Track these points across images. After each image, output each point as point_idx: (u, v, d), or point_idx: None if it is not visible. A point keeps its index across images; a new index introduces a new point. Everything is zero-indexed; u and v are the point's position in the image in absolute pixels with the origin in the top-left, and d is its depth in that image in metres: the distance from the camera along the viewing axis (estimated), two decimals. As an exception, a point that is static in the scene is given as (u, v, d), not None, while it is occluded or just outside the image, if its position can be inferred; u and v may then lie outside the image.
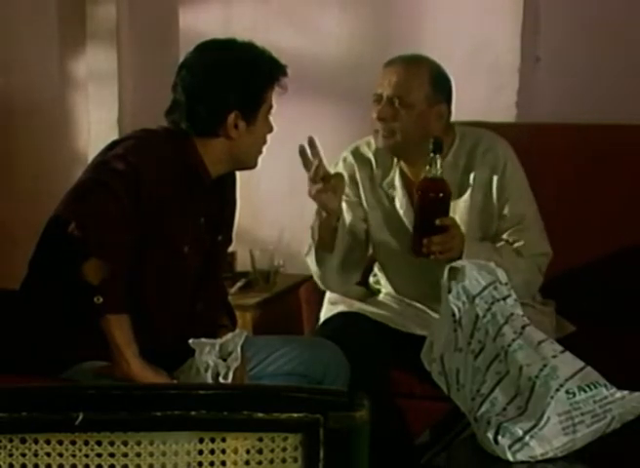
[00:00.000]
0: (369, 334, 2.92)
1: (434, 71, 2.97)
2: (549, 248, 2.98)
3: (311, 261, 3.00)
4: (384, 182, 3.05)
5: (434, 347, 2.28)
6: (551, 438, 2.10)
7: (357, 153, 3.10)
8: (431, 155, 2.76)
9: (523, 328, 2.19)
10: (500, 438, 2.12)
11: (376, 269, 3.19)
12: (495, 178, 2.96)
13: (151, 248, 2.46)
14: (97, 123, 3.79)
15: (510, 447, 2.11)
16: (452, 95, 2.99)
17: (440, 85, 2.96)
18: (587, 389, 2.12)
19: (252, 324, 3.60)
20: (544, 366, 2.13)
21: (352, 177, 3.07)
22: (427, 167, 2.77)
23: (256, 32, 3.89)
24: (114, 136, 3.72)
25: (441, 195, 2.78)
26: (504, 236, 2.95)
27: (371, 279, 3.22)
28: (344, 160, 3.11)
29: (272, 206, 4.06)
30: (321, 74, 3.89)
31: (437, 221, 2.77)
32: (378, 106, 2.95)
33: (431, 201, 2.79)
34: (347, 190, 3.04)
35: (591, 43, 3.65)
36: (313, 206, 4.06)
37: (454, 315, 2.23)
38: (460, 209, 2.95)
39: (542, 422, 2.10)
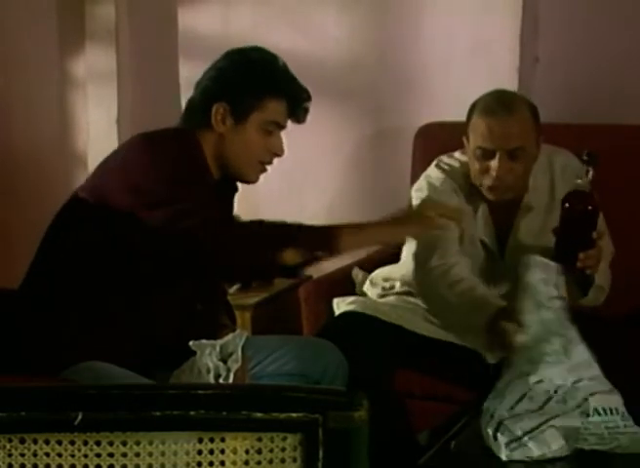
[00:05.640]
0: (372, 333, 2.91)
1: (530, 106, 2.90)
2: (613, 248, 2.97)
3: None
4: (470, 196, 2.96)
5: None
6: (551, 442, 2.10)
7: (453, 177, 2.99)
8: (584, 167, 2.69)
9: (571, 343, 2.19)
10: (498, 435, 2.12)
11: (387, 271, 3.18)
12: None
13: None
14: (95, 123, 3.78)
15: (507, 445, 2.11)
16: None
17: (537, 118, 2.90)
18: (603, 413, 2.10)
19: (251, 324, 3.60)
20: (573, 383, 2.12)
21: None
22: (578, 180, 2.69)
23: (255, 33, 3.90)
24: (113, 135, 3.72)
25: (592, 207, 2.71)
26: None
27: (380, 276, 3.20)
28: (438, 190, 2.97)
29: (272, 205, 4.06)
30: (320, 75, 3.89)
31: (594, 234, 2.71)
32: (487, 160, 2.84)
33: (585, 214, 2.72)
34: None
35: (590, 43, 3.65)
36: (313, 205, 4.06)
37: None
38: (551, 228, 2.83)
39: (545, 427, 2.09)
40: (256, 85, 2.55)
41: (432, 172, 3.02)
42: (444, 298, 2.83)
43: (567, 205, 2.73)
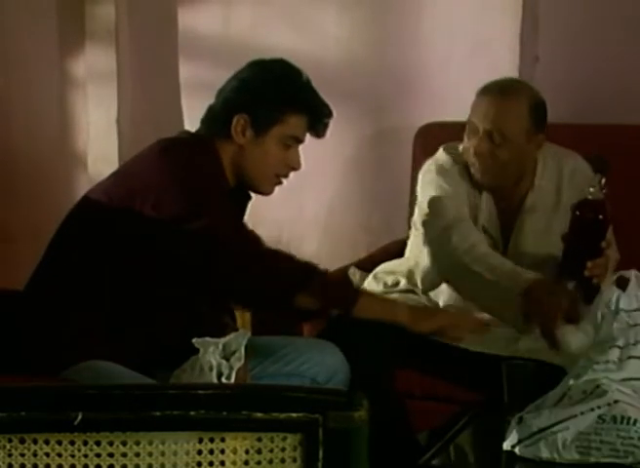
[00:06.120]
0: (373, 332, 2.91)
1: (533, 101, 2.89)
2: (618, 254, 2.97)
3: None
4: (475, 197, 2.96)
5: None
6: (562, 449, 2.08)
7: (460, 162, 2.97)
8: (595, 175, 2.68)
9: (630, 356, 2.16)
10: (515, 428, 2.10)
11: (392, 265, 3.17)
12: None
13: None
14: (95, 123, 3.79)
15: (521, 441, 2.09)
16: (546, 120, 2.91)
17: (539, 115, 2.89)
18: (619, 421, 2.07)
19: (251, 324, 3.60)
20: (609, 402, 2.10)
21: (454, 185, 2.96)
22: (590, 188, 2.68)
23: (255, 33, 3.91)
24: (113, 135, 3.72)
25: (603, 217, 2.71)
26: None
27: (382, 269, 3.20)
28: (448, 173, 2.95)
29: (271, 205, 4.06)
30: (320, 75, 3.86)
31: (603, 244, 2.71)
32: (473, 138, 2.87)
33: (595, 223, 2.71)
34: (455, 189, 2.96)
35: (590, 42, 3.65)
36: (313, 205, 4.06)
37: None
38: (556, 230, 2.86)
39: (560, 428, 2.07)
40: (278, 99, 2.56)
41: (441, 155, 3.02)
42: (477, 276, 2.78)
43: (577, 213, 2.71)
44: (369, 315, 2.52)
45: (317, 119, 2.59)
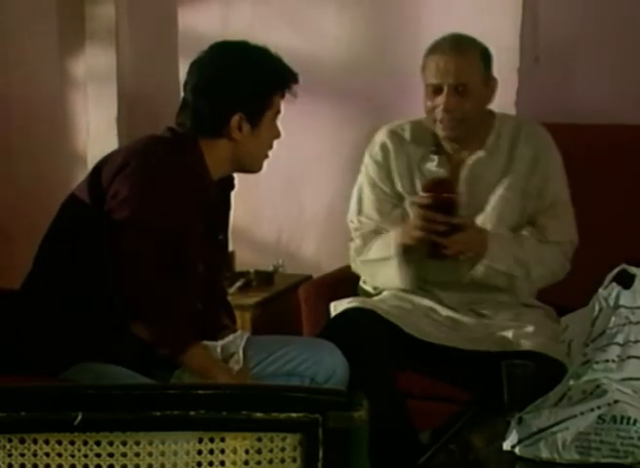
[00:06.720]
0: (374, 331, 2.91)
1: (481, 49, 2.99)
2: (576, 236, 3.04)
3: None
4: (425, 166, 3.03)
5: (569, 329, 2.27)
6: (561, 450, 2.07)
7: (395, 138, 3.09)
8: (434, 157, 2.81)
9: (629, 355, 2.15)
10: (515, 428, 2.10)
11: None
12: (539, 160, 3.01)
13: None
14: (95, 122, 3.79)
15: (521, 441, 2.09)
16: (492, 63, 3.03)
17: (487, 60, 3.00)
18: (619, 421, 2.07)
19: (251, 323, 3.60)
20: (604, 393, 2.09)
21: (387, 165, 3.07)
22: (433, 169, 2.81)
23: (254, 32, 3.89)
24: (113, 135, 3.72)
25: (453, 195, 2.82)
26: (539, 219, 3.00)
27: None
28: (382, 145, 3.09)
29: (271, 205, 4.06)
30: (320, 74, 3.89)
31: (456, 220, 2.80)
32: (436, 97, 2.95)
33: (446, 202, 2.81)
34: (381, 177, 3.07)
35: (591, 42, 3.65)
36: (312, 205, 4.05)
37: (594, 311, 2.20)
38: (502, 188, 2.98)
39: (560, 428, 2.07)
40: (267, 90, 2.58)
41: (378, 136, 3.13)
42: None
43: (427, 193, 2.82)
44: (193, 368, 2.45)
45: (290, 89, 2.62)
